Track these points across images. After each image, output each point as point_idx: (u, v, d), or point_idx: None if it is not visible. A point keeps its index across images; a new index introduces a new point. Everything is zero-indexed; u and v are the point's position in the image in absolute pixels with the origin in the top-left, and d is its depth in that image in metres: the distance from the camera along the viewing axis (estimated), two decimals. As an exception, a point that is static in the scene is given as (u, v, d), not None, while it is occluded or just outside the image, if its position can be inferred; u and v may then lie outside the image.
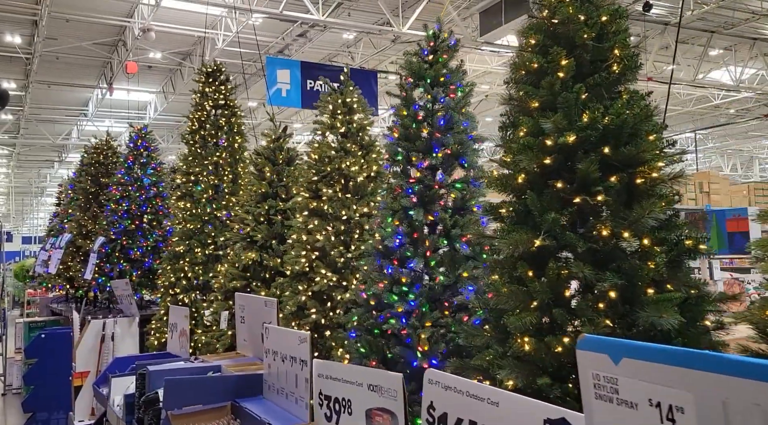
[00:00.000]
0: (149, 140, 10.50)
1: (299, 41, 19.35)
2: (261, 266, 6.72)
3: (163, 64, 21.72)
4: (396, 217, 4.15)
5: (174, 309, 6.26)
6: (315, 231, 5.41)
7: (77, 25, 18.01)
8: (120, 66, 19.92)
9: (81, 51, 19.91)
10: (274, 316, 4.15)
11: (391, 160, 4.29)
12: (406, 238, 4.07)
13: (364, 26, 17.14)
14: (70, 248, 10.44)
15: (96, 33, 18.93)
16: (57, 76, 21.73)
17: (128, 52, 18.77)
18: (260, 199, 6.89)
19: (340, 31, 18.99)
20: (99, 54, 20.26)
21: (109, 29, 18.78)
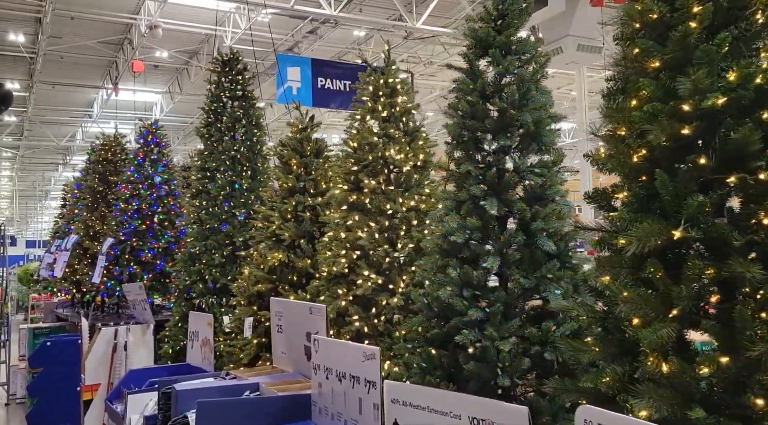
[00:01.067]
0: (160, 136, 9.86)
1: (309, 38, 18.72)
2: (289, 267, 6.07)
3: (169, 63, 21.10)
4: (463, 209, 3.50)
5: (195, 316, 5.61)
6: (355, 227, 4.76)
7: (82, 22, 17.38)
8: (126, 65, 19.31)
9: (86, 50, 19.29)
10: (322, 325, 3.50)
11: (455, 142, 3.65)
12: (476, 233, 3.42)
13: (376, 22, 16.52)
14: (77, 250, 9.78)
15: (101, 31, 18.30)
16: (61, 76, 21.11)
17: (134, 51, 18.15)
18: (287, 195, 6.24)
19: (350, 28, 18.37)
20: (104, 53, 19.64)
21: (114, 27, 18.16)
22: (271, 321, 4.16)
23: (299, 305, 3.88)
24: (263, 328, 6.07)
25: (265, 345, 6.03)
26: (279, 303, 4.08)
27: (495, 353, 3.19)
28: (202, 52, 19.99)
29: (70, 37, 18.09)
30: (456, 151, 3.68)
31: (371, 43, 19.28)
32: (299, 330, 3.81)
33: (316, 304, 3.65)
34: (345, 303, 4.73)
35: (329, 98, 17.52)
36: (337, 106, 18.24)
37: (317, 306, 3.59)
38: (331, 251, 4.91)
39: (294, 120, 6.56)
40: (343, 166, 5.00)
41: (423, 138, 4.88)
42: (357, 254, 4.78)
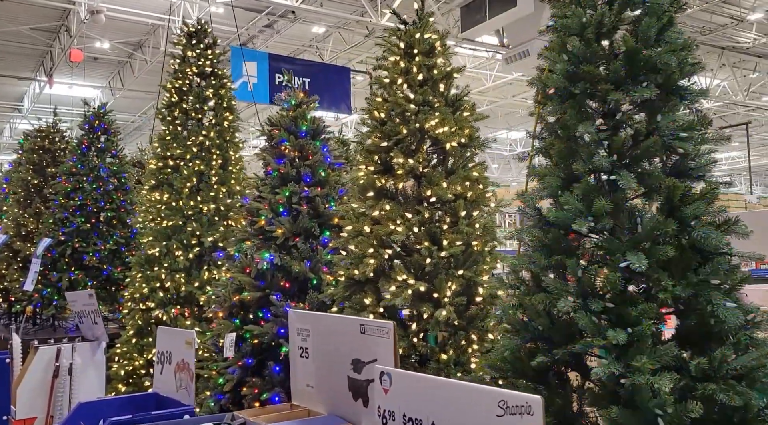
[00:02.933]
0: (108, 122, 8.37)
1: (265, 33, 17.41)
2: (283, 272, 4.86)
3: (110, 56, 19.25)
4: (579, 188, 2.46)
5: (167, 333, 4.32)
6: (386, 220, 3.65)
7: (12, 5, 15.44)
8: (62, 55, 17.39)
9: (17, 37, 17.25)
10: (388, 351, 2.37)
11: (562, 96, 2.61)
12: (606, 220, 2.38)
13: (340, 16, 15.41)
14: (6, 252, 8.13)
15: (35, 16, 16.37)
16: (-12, 65, 18.90)
17: (72, 39, 16.32)
18: (278, 183, 5.04)
19: (309, 24, 17.19)
20: (38, 41, 17.64)
21: (50, 12, 16.27)
22: (290, 342, 2.99)
23: (342, 321, 2.72)
24: (249, 347, 4.83)
25: (252, 369, 4.80)
26: (306, 317, 2.90)
27: (650, 394, 2.15)
28: (147, 44, 18.29)
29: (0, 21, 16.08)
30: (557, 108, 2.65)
31: (330, 41, 18.16)
32: (340, 356, 2.67)
33: (375, 321, 2.51)
34: (374, 316, 3.60)
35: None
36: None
37: (376, 324, 2.45)
38: (354, 250, 3.76)
39: (285, 94, 5.38)
40: (367, 142, 3.88)
41: (468, 108, 3.82)
42: (389, 253, 3.65)
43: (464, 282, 3.51)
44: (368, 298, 3.64)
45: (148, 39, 18.00)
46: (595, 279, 2.35)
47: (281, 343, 4.64)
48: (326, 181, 5.09)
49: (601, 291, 2.35)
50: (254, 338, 4.75)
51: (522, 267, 2.66)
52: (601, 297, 2.36)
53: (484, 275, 3.56)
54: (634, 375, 2.14)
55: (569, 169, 2.55)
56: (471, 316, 3.51)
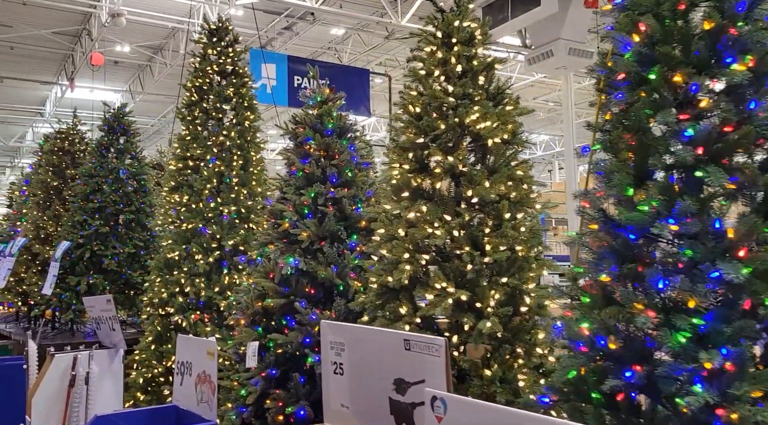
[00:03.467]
0: (127, 123, 8.15)
1: (284, 35, 17.20)
2: (308, 277, 4.56)
3: (131, 59, 19.18)
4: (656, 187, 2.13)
5: (187, 342, 4.03)
6: (423, 222, 3.33)
7: (36, 10, 15.40)
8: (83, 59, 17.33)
9: (39, 41, 17.23)
10: (439, 371, 2.05)
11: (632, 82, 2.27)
12: (694, 223, 2.04)
13: (360, 17, 15.14)
14: (25, 255, 7.94)
15: (57, 20, 16.32)
16: (11, 69, 18.89)
17: (94, 43, 16.24)
18: (303, 184, 4.75)
19: (328, 26, 16.96)
20: (60, 45, 17.60)
21: (72, 16, 16.21)
22: (323, 357, 2.68)
23: (383, 335, 2.41)
24: (273, 357, 4.53)
25: (275, 380, 4.50)
26: (341, 330, 2.59)
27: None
28: (167, 48, 18.18)
29: (22, 25, 16.04)
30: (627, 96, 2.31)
31: (349, 43, 17.91)
32: (381, 375, 2.35)
33: (423, 336, 2.18)
34: (409, 327, 3.28)
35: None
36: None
37: (424, 340, 2.13)
38: (387, 254, 3.44)
39: (310, 91, 5.09)
40: (401, 139, 3.56)
41: (512, 102, 3.49)
42: (426, 259, 3.33)
43: (509, 291, 3.18)
44: (403, 307, 3.32)
45: (168, 42, 17.89)
46: (680, 292, 2.01)
47: (306, 353, 4.34)
48: (353, 182, 4.78)
49: (685, 306, 2.01)
50: (278, 347, 4.45)
51: (585, 276, 2.33)
52: (686, 311, 2.02)
53: (530, 283, 3.22)
54: (734, 406, 1.80)
55: (642, 164, 2.21)
56: (516, 328, 3.17)
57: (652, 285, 2.03)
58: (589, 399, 2.24)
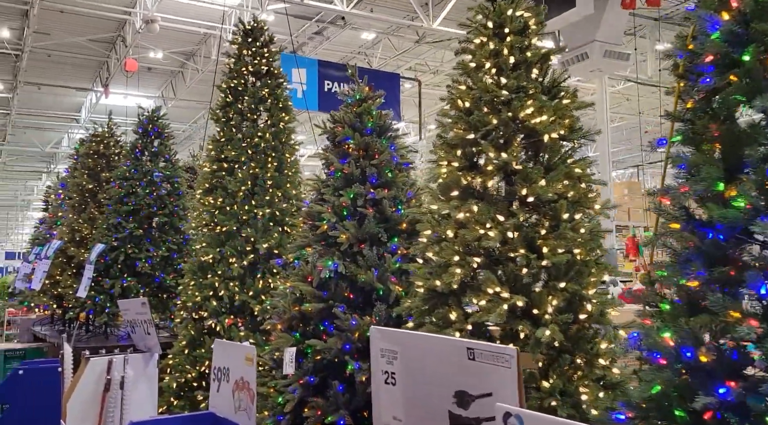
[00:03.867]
0: (162, 126, 8.11)
1: (315, 40, 17.16)
2: (347, 281, 4.39)
3: (163, 65, 19.35)
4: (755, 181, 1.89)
5: (225, 347, 3.89)
6: (474, 223, 3.13)
7: (72, 18, 15.63)
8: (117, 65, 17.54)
9: (75, 48, 17.50)
10: (509, 385, 1.85)
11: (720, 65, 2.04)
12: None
13: (391, 20, 14.99)
14: (60, 258, 7.94)
15: (93, 27, 16.54)
16: (48, 76, 19.23)
17: (128, 49, 16.41)
18: (341, 184, 4.58)
19: (358, 30, 16.88)
20: (95, 52, 17.84)
21: (107, 23, 16.42)
22: (373, 366, 2.49)
23: (443, 343, 2.20)
24: (311, 364, 4.36)
25: (314, 387, 4.33)
26: (394, 337, 2.40)
27: None
28: (199, 54, 18.31)
29: (59, 33, 16.30)
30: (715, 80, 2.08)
31: (379, 48, 17.80)
32: (439, 386, 2.16)
33: (491, 345, 1.98)
34: (460, 334, 3.07)
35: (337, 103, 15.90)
36: (343, 112, 16.64)
37: (492, 350, 1.92)
38: (434, 257, 3.24)
39: (348, 88, 4.94)
40: (449, 135, 3.36)
41: (569, 94, 3.27)
42: (477, 262, 3.13)
43: (568, 297, 2.95)
44: (453, 313, 3.11)
45: (200, 48, 18.00)
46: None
47: (346, 360, 4.16)
48: (393, 183, 4.60)
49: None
50: (317, 354, 4.27)
51: (665, 280, 2.10)
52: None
53: (591, 288, 2.99)
54: None
55: (731, 156, 1.98)
56: (576, 337, 2.94)
57: (753, 290, 1.80)
58: (672, 417, 2.01)
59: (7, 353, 8.78)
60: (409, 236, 4.48)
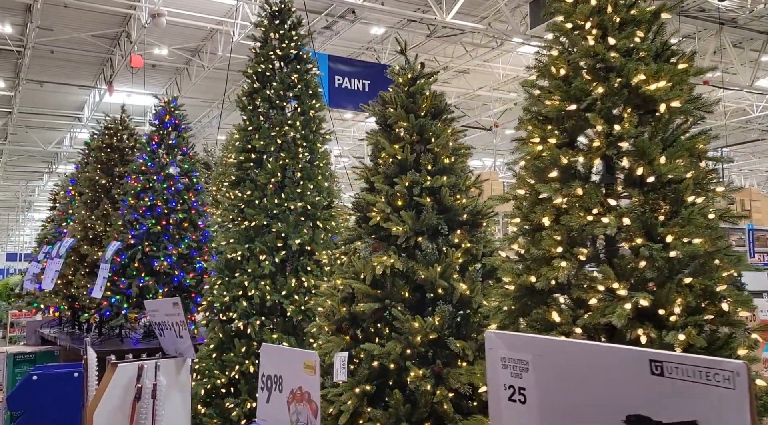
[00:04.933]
0: (179, 117, 7.61)
1: (324, 35, 16.67)
2: (404, 278, 3.91)
3: (168, 62, 18.85)
4: None
5: (273, 353, 3.40)
6: (578, 209, 2.65)
7: (76, 13, 15.14)
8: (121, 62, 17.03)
9: (79, 44, 16.99)
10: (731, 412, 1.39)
11: None
12: None
13: (402, 13, 14.52)
14: (72, 257, 7.43)
15: (97, 23, 16.05)
16: (51, 74, 18.71)
17: (132, 45, 15.90)
18: (396, 172, 4.10)
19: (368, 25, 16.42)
20: (99, 48, 17.33)
21: (111, 18, 15.92)
22: (489, 379, 2.02)
23: (603, 351, 1.73)
24: (367, 370, 3.87)
25: (370, 397, 3.84)
26: (525, 342, 1.92)
27: None
28: (205, 50, 17.82)
29: (63, 28, 15.78)
30: None
31: (389, 43, 17.33)
32: (600, 408, 1.69)
33: (691, 357, 1.50)
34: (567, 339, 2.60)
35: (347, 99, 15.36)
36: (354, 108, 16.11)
37: (697, 363, 1.45)
38: (534, 250, 2.76)
39: (399, 66, 4.45)
40: (541, 108, 2.89)
41: (686, 58, 2.79)
42: (584, 253, 2.65)
43: (698, 294, 2.48)
44: (554, 314, 2.63)
45: (206, 44, 17.53)
46: None
47: (407, 367, 3.69)
48: (451, 169, 4.12)
49: None
50: (373, 359, 3.79)
51: None
52: None
53: (723, 284, 2.52)
54: None
55: None
56: (709, 341, 2.47)
57: None
58: None
59: (16, 356, 8.26)
60: (471, 227, 4.01)
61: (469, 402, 3.65)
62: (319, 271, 5.67)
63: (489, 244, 3.94)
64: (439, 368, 3.61)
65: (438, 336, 3.66)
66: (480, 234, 3.96)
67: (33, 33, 15.17)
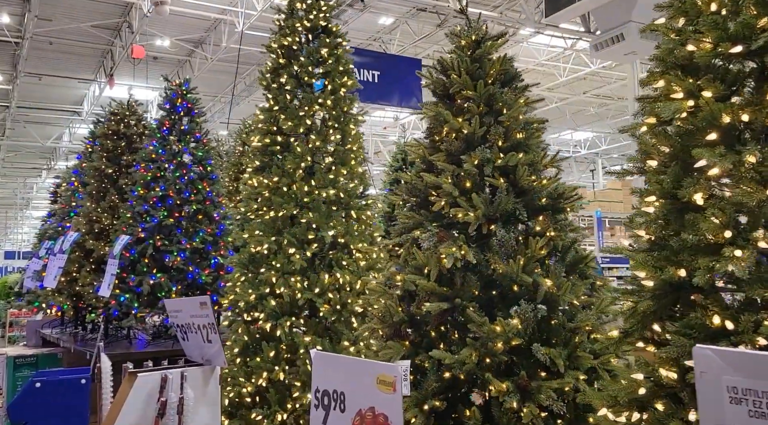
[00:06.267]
0: (192, 100, 6.92)
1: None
2: (476, 274, 3.25)
3: (170, 54, 18.10)
4: None
5: (331, 362, 2.75)
6: (749, 181, 2.03)
7: (75, 2, 14.38)
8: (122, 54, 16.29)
9: (78, 35, 16.22)
10: None
11: None
12: None
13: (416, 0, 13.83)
14: (77, 252, 6.73)
15: (97, 12, 15.28)
16: (49, 66, 17.92)
17: (134, 35, 15.17)
18: (460, 148, 3.45)
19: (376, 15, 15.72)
20: (99, 39, 16.54)
21: (112, 8, 15.16)
22: (700, 406, 1.38)
23: None
24: (435, 382, 3.21)
25: (440, 412, 3.19)
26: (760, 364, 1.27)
27: None
28: (208, 41, 17.08)
29: (62, 19, 15.01)
30: None
31: (397, 33, 16.64)
32: None
33: None
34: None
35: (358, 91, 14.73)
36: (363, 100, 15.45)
37: None
38: (686, 236, 2.11)
39: (461, 28, 3.79)
40: (679, 54, 2.24)
41: None
42: (762, 237, 2.01)
43: None
44: (728, 320, 1.98)
45: (209, 36, 16.81)
46: None
47: (486, 379, 3.04)
48: (526, 145, 3.47)
49: None
50: (443, 369, 3.15)
51: None
52: None
53: None
54: None
55: None
56: None
57: None
58: None
59: (17, 360, 7.56)
60: (554, 213, 3.37)
61: (560, 422, 3.02)
62: (355, 266, 5.02)
63: (575, 231, 3.29)
64: (525, 381, 2.97)
65: (521, 342, 3.02)
66: (564, 221, 3.31)
67: (31, 23, 14.42)
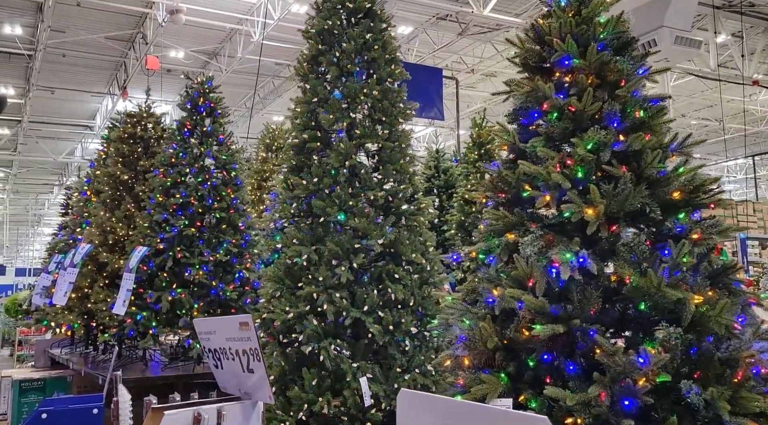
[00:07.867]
0: (215, 100, 6.24)
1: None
2: (597, 286, 2.50)
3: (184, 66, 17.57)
4: None
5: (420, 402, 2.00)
6: None
7: (90, 12, 13.88)
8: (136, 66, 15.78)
9: (92, 47, 15.74)
10: None
11: None
12: None
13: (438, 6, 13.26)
14: (90, 266, 6.01)
15: (111, 23, 14.80)
16: (62, 79, 17.44)
17: (149, 46, 14.66)
18: (566, 130, 2.71)
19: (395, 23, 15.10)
20: (113, 50, 16.05)
21: (127, 19, 14.68)
22: None
23: None
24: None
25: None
26: None
27: None
28: (222, 53, 16.58)
29: (75, 29, 14.52)
30: None
31: (416, 43, 16.04)
32: None
33: None
34: None
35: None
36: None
37: None
38: None
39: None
40: None
41: None
42: None
43: None
44: None
45: (224, 47, 16.31)
46: None
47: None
48: (648, 126, 2.75)
49: None
50: (561, 413, 2.39)
51: None
52: None
53: None
54: None
55: None
56: None
57: None
58: None
59: (23, 384, 6.81)
60: (695, 209, 2.63)
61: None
62: (408, 279, 4.27)
63: (723, 234, 2.55)
64: (676, 427, 2.21)
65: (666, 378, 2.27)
66: (708, 221, 2.57)
67: (44, 34, 13.93)
